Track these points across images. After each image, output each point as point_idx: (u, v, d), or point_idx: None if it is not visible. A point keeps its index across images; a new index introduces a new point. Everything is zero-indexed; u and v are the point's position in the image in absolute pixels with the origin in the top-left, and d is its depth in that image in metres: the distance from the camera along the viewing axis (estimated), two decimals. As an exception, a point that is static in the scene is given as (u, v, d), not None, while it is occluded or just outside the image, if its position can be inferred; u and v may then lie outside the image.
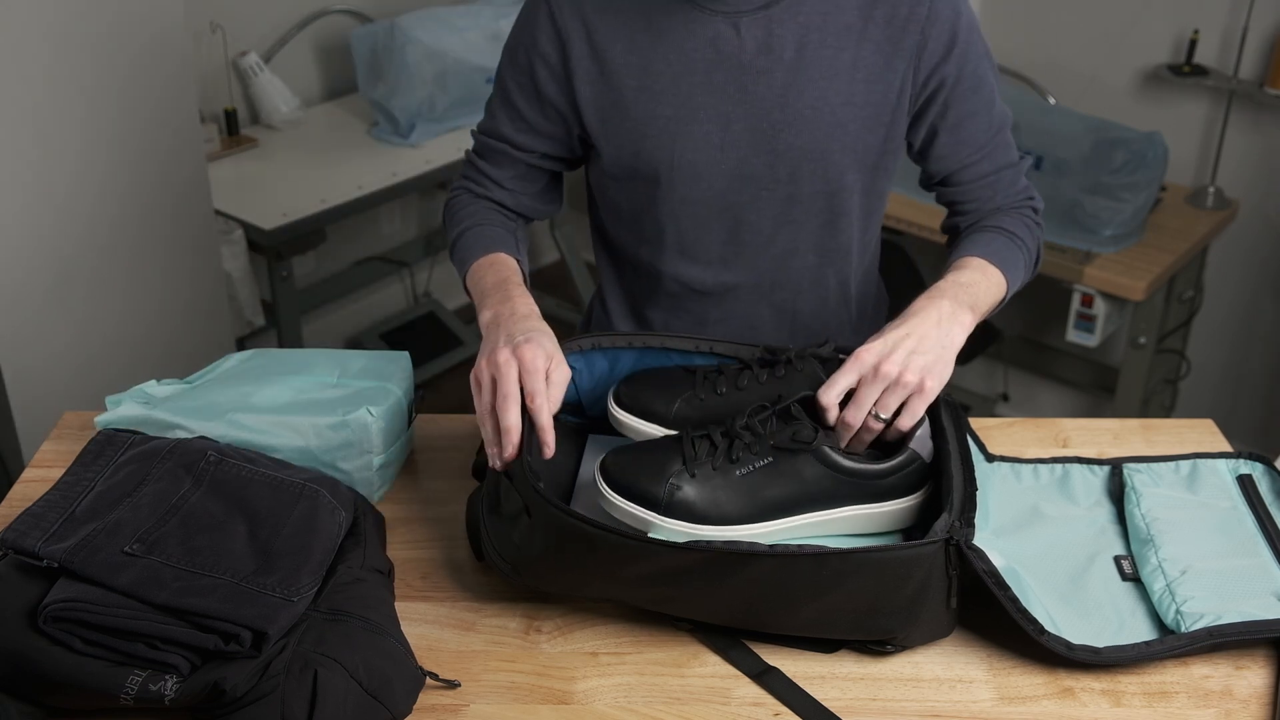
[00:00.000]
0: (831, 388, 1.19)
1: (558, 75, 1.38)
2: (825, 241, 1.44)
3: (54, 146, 2.20)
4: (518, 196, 1.48)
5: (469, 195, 1.49)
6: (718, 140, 1.36)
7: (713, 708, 1.10)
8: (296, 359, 1.43)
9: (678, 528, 1.15)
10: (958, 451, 1.23)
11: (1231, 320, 3.05)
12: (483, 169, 1.48)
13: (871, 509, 1.20)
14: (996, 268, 1.34)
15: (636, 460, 1.17)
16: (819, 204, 1.40)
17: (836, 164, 1.37)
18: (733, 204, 1.40)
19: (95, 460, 1.23)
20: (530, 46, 1.39)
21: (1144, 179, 2.62)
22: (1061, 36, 3.04)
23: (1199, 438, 1.46)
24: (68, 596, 1.05)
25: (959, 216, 1.45)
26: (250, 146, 3.05)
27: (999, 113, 1.42)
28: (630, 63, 1.36)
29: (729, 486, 1.16)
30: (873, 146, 1.38)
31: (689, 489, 1.15)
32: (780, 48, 1.33)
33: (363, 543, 1.19)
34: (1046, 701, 1.11)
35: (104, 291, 2.35)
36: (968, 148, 1.41)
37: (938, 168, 1.43)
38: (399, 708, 1.07)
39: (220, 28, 3.01)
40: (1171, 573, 1.20)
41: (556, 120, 1.42)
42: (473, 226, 1.43)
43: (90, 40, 2.20)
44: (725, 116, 1.35)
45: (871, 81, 1.35)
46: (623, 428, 1.28)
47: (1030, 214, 1.44)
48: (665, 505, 1.14)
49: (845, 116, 1.35)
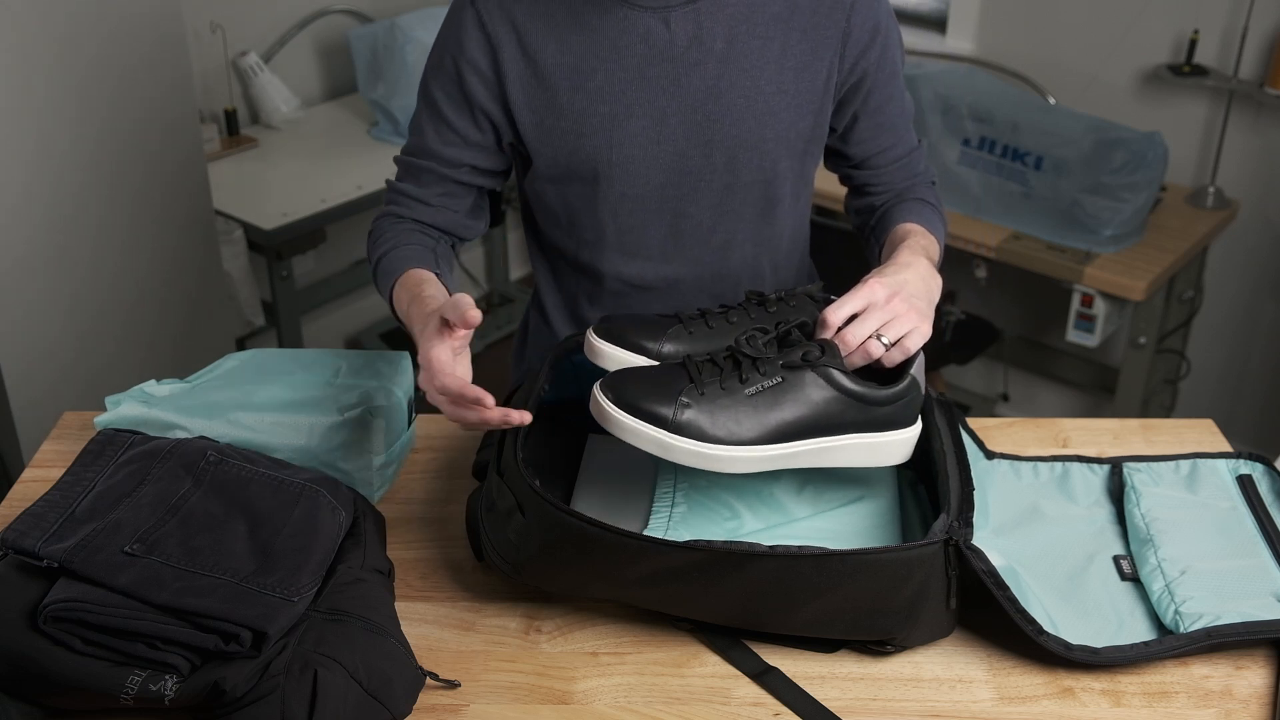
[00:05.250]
0: (840, 308, 1.19)
1: (488, 81, 1.38)
2: (761, 230, 1.47)
3: (54, 147, 2.20)
4: (444, 213, 1.44)
5: (389, 220, 1.45)
6: (654, 134, 1.38)
7: (713, 708, 1.10)
8: (296, 359, 1.43)
9: (688, 447, 1.13)
10: (953, 451, 1.23)
11: (1231, 320, 3.05)
12: (405, 190, 1.44)
13: (873, 438, 1.19)
14: (934, 235, 1.42)
15: (642, 380, 1.15)
16: (755, 193, 1.43)
17: (770, 152, 1.40)
18: (671, 197, 1.42)
19: (95, 460, 1.23)
20: (458, 53, 1.38)
21: (1144, 179, 2.62)
22: (1061, 36, 3.04)
23: (1199, 438, 1.46)
24: (68, 596, 1.05)
25: (871, 196, 1.51)
26: (250, 146, 3.05)
27: (908, 99, 1.49)
28: (563, 63, 1.36)
29: (738, 406, 1.14)
30: (803, 133, 1.41)
31: (698, 408, 1.13)
32: (710, 40, 1.36)
33: (363, 543, 1.19)
34: (1046, 701, 1.11)
35: (104, 291, 2.35)
36: (886, 132, 1.46)
37: (857, 151, 1.48)
38: (399, 708, 1.07)
39: (220, 28, 3.01)
40: (1171, 573, 1.20)
41: (487, 129, 1.41)
42: (387, 253, 1.39)
43: (90, 41, 2.20)
44: (660, 110, 1.37)
45: (800, 69, 1.38)
46: (605, 359, 1.24)
47: (933, 189, 1.52)
48: (674, 424, 1.12)
49: (777, 105, 1.38)
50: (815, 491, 1.29)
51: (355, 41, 3.12)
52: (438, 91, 1.40)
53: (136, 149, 2.33)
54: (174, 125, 2.39)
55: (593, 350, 1.25)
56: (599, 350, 1.24)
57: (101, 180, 2.28)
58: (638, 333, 1.25)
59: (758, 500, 1.27)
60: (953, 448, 1.24)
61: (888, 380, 1.19)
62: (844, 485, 1.30)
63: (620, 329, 1.25)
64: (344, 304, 3.52)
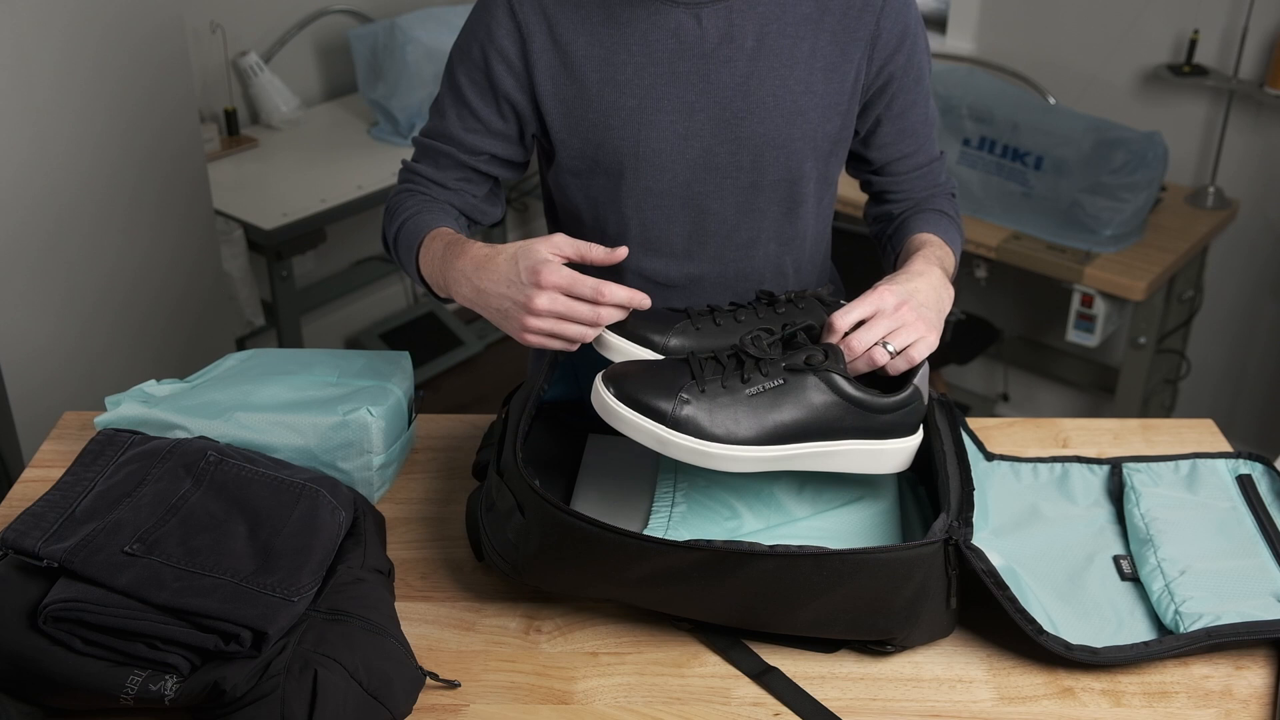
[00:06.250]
0: (848, 314, 1.19)
1: (516, 71, 1.38)
2: (785, 230, 1.46)
3: (54, 147, 2.20)
4: (462, 196, 1.45)
5: (407, 194, 1.44)
6: (681, 129, 1.38)
7: (713, 708, 1.10)
8: (296, 359, 1.43)
9: (685, 443, 1.13)
10: (954, 451, 1.23)
11: (1231, 320, 3.05)
12: (422, 171, 1.44)
13: (873, 445, 1.19)
14: (950, 248, 1.41)
15: (644, 374, 1.15)
16: (780, 192, 1.43)
17: (797, 151, 1.40)
18: (697, 193, 1.41)
19: (95, 460, 1.23)
20: (487, 41, 1.38)
21: (1144, 179, 2.62)
22: (1061, 36, 3.04)
23: (1199, 438, 1.46)
24: (68, 596, 1.05)
25: (890, 204, 1.51)
26: (250, 146, 3.05)
27: (933, 107, 1.49)
28: (593, 55, 1.36)
29: (738, 405, 1.14)
30: (829, 134, 1.41)
31: (698, 405, 1.13)
32: (741, 37, 1.36)
33: (363, 543, 1.19)
34: (1046, 701, 1.11)
35: (104, 291, 2.35)
36: (908, 138, 1.46)
37: (877, 155, 1.47)
38: (399, 708, 1.07)
39: (220, 28, 3.01)
40: (1170, 573, 1.20)
41: (511, 119, 1.41)
42: (411, 217, 1.39)
43: (90, 41, 2.20)
44: (689, 106, 1.37)
45: (829, 70, 1.38)
46: (612, 351, 1.24)
47: (953, 202, 1.52)
48: (672, 419, 1.13)
49: (805, 104, 1.38)
50: (815, 491, 1.29)
51: (355, 41, 3.11)
52: (463, 77, 1.40)
53: (136, 149, 2.33)
54: (174, 125, 2.39)
55: (600, 341, 1.25)
56: (606, 342, 1.24)
57: (101, 180, 2.28)
58: (645, 326, 1.25)
59: (758, 500, 1.27)
60: (953, 448, 1.24)
61: (891, 388, 1.19)
62: (844, 485, 1.30)
63: (628, 321, 1.25)
64: (344, 304, 3.52)
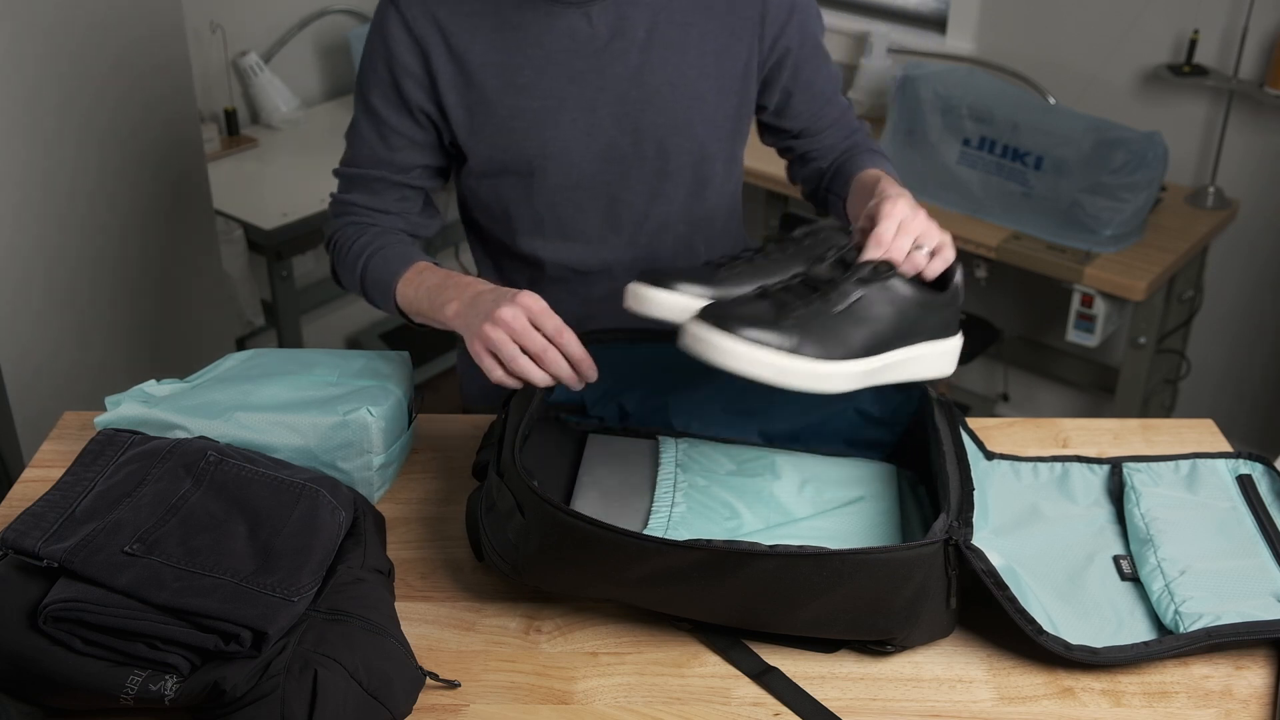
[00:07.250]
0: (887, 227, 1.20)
1: (422, 83, 1.39)
2: (693, 210, 1.50)
3: (53, 147, 2.20)
4: (405, 217, 1.46)
5: (352, 229, 1.45)
6: (584, 126, 1.40)
7: (713, 708, 1.10)
8: (296, 359, 1.43)
9: (804, 366, 1.11)
10: (954, 451, 1.23)
11: (1231, 320, 3.05)
12: (359, 201, 1.45)
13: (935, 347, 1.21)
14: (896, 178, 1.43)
15: (739, 309, 1.13)
16: (686, 175, 1.46)
17: (698, 135, 1.44)
18: (606, 184, 1.44)
19: (95, 460, 1.23)
20: (389, 59, 1.39)
21: (1144, 179, 2.62)
22: (1061, 36, 3.04)
23: (1199, 438, 1.46)
24: (68, 596, 1.05)
25: (817, 161, 1.55)
26: (250, 146, 3.05)
27: (833, 64, 1.54)
28: (491, 61, 1.38)
29: (828, 325, 1.13)
30: (729, 114, 1.45)
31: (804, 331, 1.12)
32: (632, 31, 1.38)
33: (363, 543, 1.19)
34: (1046, 701, 1.11)
35: (104, 291, 2.35)
36: (819, 101, 1.52)
37: (795, 124, 1.53)
38: (399, 708, 1.07)
39: (220, 28, 3.01)
40: (1170, 573, 1.20)
41: (429, 126, 1.42)
42: (374, 254, 1.40)
43: (90, 41, 2.20)
44: (589, 102, 1.39)
45: (720, 53, 1.42)
46: (657, 307, 1.22)
47: (875, 141, 1.56)
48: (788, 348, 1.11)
49: (702, 89, 1.42)
50: (815, 491, 1.29)
51: (355, 41, 3.12)
52: (376, 99, 1.42)
53: (136, 149, 2.33)
54: (174, 125, 2.39)
55: (640, 299, 1.22)
56: (647, 298, 1.22)
57: (101, 180, 2.28)
58: (682, 275, 1.23)
59: (758, 500, 1.28)
60: (953, 448, 1.24)
61: None
62: (844, 485, 1.30)
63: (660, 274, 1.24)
64: (344, 304, 3.51)
